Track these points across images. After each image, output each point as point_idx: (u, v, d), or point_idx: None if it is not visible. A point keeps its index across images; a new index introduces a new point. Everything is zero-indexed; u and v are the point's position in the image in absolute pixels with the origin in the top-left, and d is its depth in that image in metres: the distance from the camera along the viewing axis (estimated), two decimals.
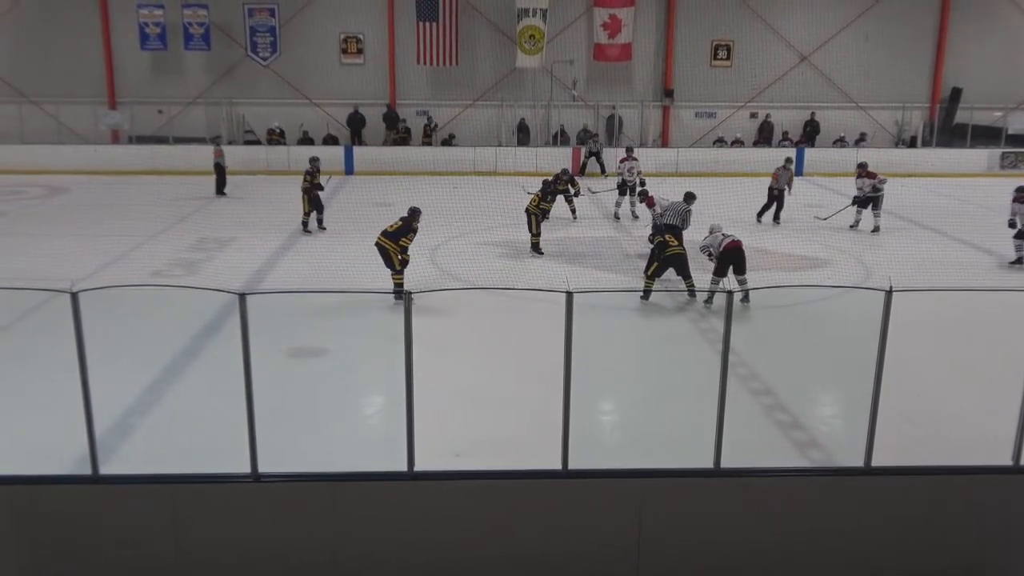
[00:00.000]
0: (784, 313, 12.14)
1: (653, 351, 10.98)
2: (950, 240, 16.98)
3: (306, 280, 13.08)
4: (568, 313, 6.09)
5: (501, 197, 18.48)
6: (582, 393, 6.41)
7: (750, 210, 18.29)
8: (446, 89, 27.55)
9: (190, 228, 17.78)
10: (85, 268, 14.03)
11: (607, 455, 7.62)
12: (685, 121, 28.45)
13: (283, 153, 25.48)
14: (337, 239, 16.62)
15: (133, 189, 22.67)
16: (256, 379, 6.14)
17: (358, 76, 27.41)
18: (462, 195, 18.12)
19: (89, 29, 26.80)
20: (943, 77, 28.50)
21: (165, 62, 27.07)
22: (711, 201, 16.05)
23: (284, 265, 14.77)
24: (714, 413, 6.37)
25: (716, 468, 6.47)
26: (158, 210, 19.53)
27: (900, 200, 19.73)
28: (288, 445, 7.31)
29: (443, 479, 6.50)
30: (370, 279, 12.64)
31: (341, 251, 15.11)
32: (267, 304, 6.70)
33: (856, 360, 6.88)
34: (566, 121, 27.64)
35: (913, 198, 20.55)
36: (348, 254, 14.49)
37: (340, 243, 16.23)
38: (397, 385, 6.17)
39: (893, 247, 15.84)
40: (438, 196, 18.78)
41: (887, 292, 6.21)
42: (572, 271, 14.23)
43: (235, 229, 17.40)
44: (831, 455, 7.96)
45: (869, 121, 28.32)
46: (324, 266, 13.86)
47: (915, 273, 13.50)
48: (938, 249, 15.93)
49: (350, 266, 13.64)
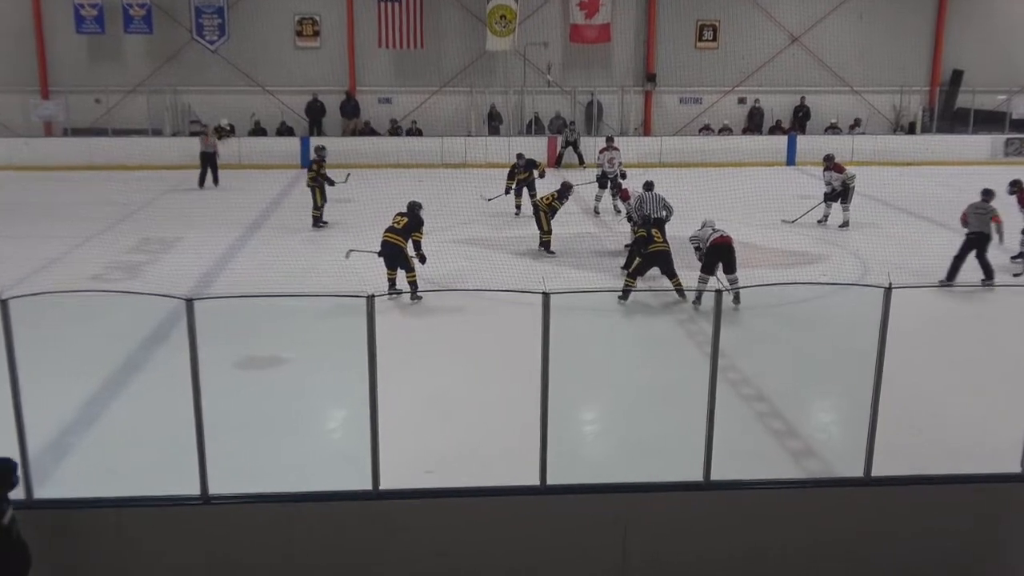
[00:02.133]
0: (777, 313, 12.22)
1: (637, 355, 11.01)
2: (952, 233, 17.16)
3: (261, 283, 12.99)
4: (545, 315, 6.08)
5: (471, 191, 18.47)
6: (561, 402, 6.40)
7: (739, 203, 18.35)
8: (410, 74, 27.50)
9: (132, 228, 17.62)
10: (16, 273, 13.86)
11: (589, 469, 7.62)
12: (669, 107, 28.57)
13: (234, 145, 25.29)
14: (295, 238, 16.52)
15: (69, 186, 22.43)
16: (206, 392, 6.08)
17: (314, 61, 27.29)
18: (429, 189, 18.08)
19: (18, 10, 26.47)
20: (943, 59, 28.84)
21: (103, 47, 26.79)
22: (698, 195, 16.11)
23: (236, 267, 14.67)
24: (703, 422, 6.39)
25: (706, 481, 6.49)
26: (96, 209, 19.33)
27: (898, 190, 19.93)
28: (241, 463, 7.26)
29: (411, 498, 6.46)
30: (331, 280, 12.58)
31: (300, 251, 15.04)
32: (218, 310, 6.64)
33: (854, 362, 6.93)
34: (541, 108, 27.67)
35: (912, 188, 20.75)
36: (307, 254, 14.43)
37: (298, 242, 16.15)
38: (361, 396, 6.14)
39: (892, 241, 15.97)
40: (403, 190, 18.69)
41: (886, 289, 6.25)
42: (548, 270, 14.24)
43: (181, 228, 17.26)
44: (829, 465, 8.01)
45: (865, 106, 28.58)
46: (281, 267, 13.78)
47: (915, 268, 13.63)
48: (939, 243, 16.08)
49: (310, 267, 13.57)
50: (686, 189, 16.38)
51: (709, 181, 18.98)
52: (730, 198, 17.42)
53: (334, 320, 11.31)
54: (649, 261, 12.67)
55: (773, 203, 18.89)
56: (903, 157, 25.41)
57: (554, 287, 6.18)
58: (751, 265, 13.57)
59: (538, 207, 15.56)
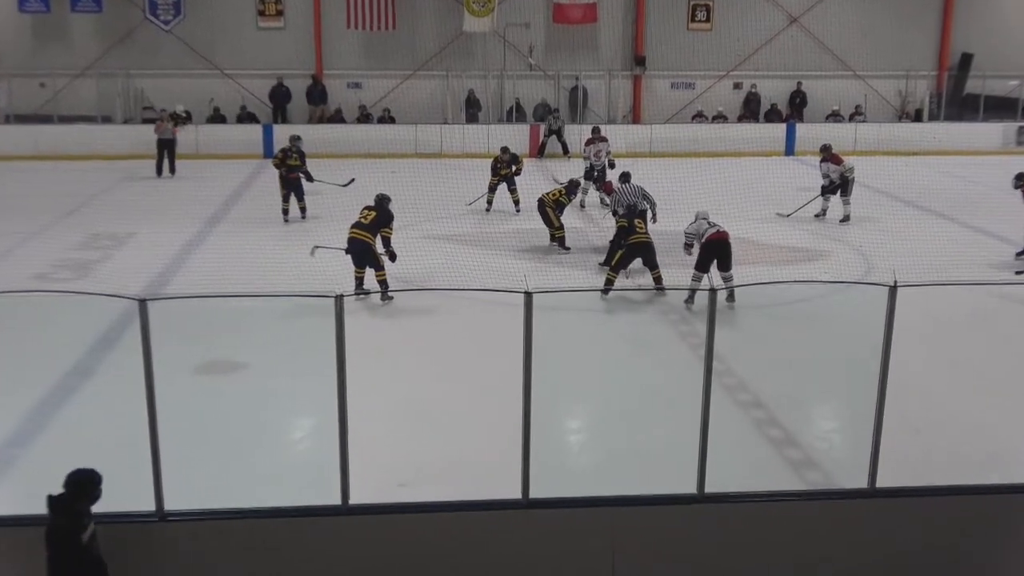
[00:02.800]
0: (775, 313, 12.27)
1: (626, 359, 11.03)
2: (960, 227, 17.30)
3: (221, 282, 12.91)
4: (527, 316, 6.08)
5: (448, 183, 18.45)
6: (544, 410, 6.40)
7: (735, 196, 18.40)
8: (382, 58, 27.41)
9: (81, 222, 17.51)
10: None
11: (574, 481, 7.63)
12: (659, 93, 28.62)
13: (191, 133, 25.17)
14: (257, 233, 16.46)
15: (11, 177, 22.23)
16: (161, 400, 6.05)
17: (278, 43, 27.16)
18: (402, 181, 18.03)
19: None
20: (951, 41, 29.01)
21: (48, 27, 26.58)
22: (690, 187, 16.16)
23: (194, 264, 14.61)
24: (696, 430, 6.41)
25: (700, 493, 6.50)
26: (42, 201, 19.18)
27: (904, 181, 20.04)
28: (200, 477, 7.22)
29: (384, 513, 6.45)
30: (296, 279, 12.54)
31: (262, 247, 14.98)
32: (174, 311, 6.62)
33: (857, 366, 6.97)
34: (522, 94, 27.67)
35: (919, 179, 20.86)
36: (270, 251, 14.37)
37: (261, 238, 16.09)
38: (329, 404, 6.12)
39: (897, 236, 16.06)
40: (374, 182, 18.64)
41: (891, 287, 6.28)
42: (531, 268, 14.24)
43: (134, 223, 17.16)
44: (831, 476, 8.05)
45: (868, 91, 28.72)
46: (242, 265, 13.71)
47: (922, 265, 13.72)
48: (947, 237, 16.20)
49: (273, 265, 13.51)
50: (678, 180, 16.41)
51: (702, 172, 18.99)
52: (725, 190, 17.49)
53: (300, 322, 11.27)
54: (631, 253, 12.82)
55: (771, 196, 18.98)
56: (909, 146, 25.54)
57: (537, 286, 6.18)
58: (747, 262, 13.62)
59: (544, 203, 15.58)
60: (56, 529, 5.57)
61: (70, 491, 5.66)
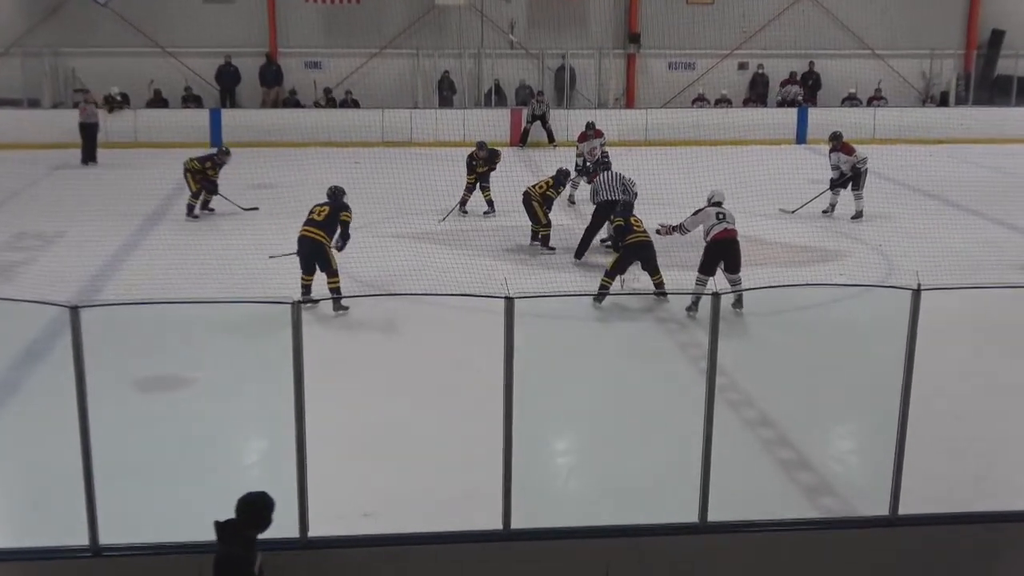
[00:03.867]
0: (786, 320, 12.30)
1: (620, 373, 11.02)
2: (991, 223, 17.39)
3: (162, 286, 12.88)
4: (508, 325, 6.07)
5: (419, 174, 18.41)
6: (528, 429, 6.40)
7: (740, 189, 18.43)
8: (344, 34, 27.40)
9: (3, 220, 17.41)
10: None
11: (562, 510, 7.63)
12: (656, 74, 28.71)
13: (128, 119, 25.06)
14: (203, 232, 16.40)
15: None
16: (95, 420, 6.01)
17: (227, 18, 27.09)
18: (367, 173, 18.00)
19: None
20: (980, 17, 29.21)
21: None
22: (690, 178, 16.19)
23: (132, 267, 14.55)
24: (698, 451, 6.41)
25: (702, 522, 6.51)
26: None
27: (929, 173, 20.15)
28: (139, 507, 7.18)
29: (346, 547, 6.43)
30: (247, 283, 12.50)
31: (209, 248, 14.93)
32: (110, 320, 6.58)
33: (877, 379, 7.00)
34: (502, 75, 27.69)
35: (944, 170, 21.00)
36: (219, 252, 14.32)
37: (207, 237, 16.03)
38: (286, 424, 6.10)
39: (920, 233, 16.14)
40: (335, 174, 18.65)
41: (914, 291, 6.31)
42: (512, 270, 14.23)
43: (65, 220, 17.06)
44: (848, 502, 8.07)
45: (888, 72, 28.88)
46: (187, 268, 13.67)
47: (949, 266, 13.79)
48: (976, 235, 16.29)
49: (222, 267, 13.47)
50: (676, 172, 16.44)
51: (703, 162, 19.06)
52: (729, 182, 17.50)
53: (252, 332, 11.26)
54: (629, 254, 12.73)
55: (779, 189, 19.00)
56: (934, 133, 25.68)
57: (519, 290, 6.18)
58: (755, 263, 13.66)
59: (530, 196, 15.51)
60: (228, 559, 5.51)
61: (242, 517, 5.60)
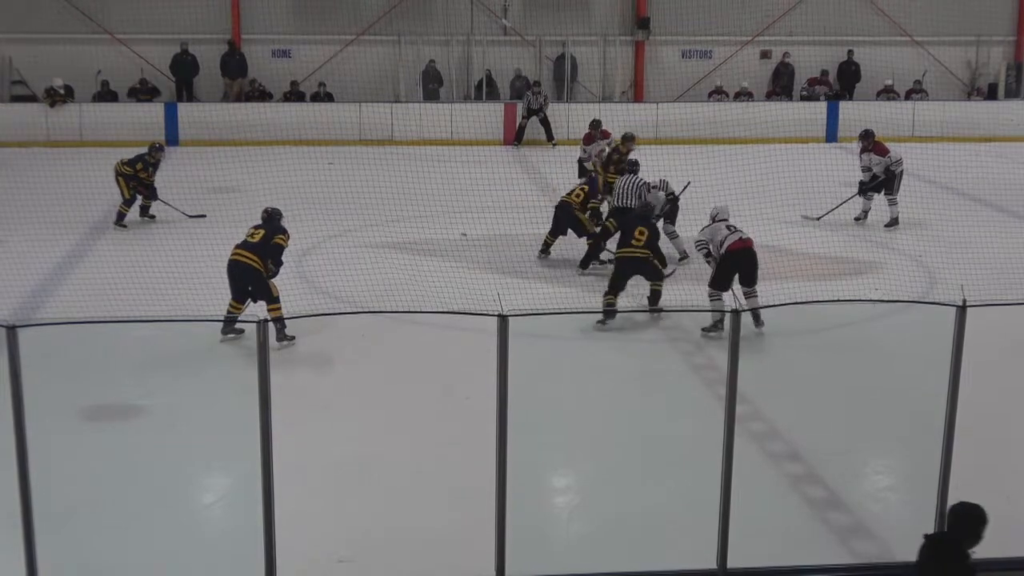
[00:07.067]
0: (814, 340, 12.30)
1: (627, 399, 11.02)
2: None
3: (111, 304, 12.88)
4: (502, 346, 6.08)
5: (401, 176, 18.44)
6: (524, 464, 6.40)
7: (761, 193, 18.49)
8: (316, 19, 27.45)
9: None
10: None
11: (563, 554, 7.62)
12: (667, 64, 28.78)
13: (72, 114, 25.08)
14: (157, 243, 16.40)
15: None
16: (36, 452, 6.01)
17: (184, 0, 27.14)
18: (341, 174, 18.02)
19: None
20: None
21: None
22: (706, 182, 16.21)
23: (77, 282, 14.53)
24: (716, 489, 6.42)
25: (721, 569, 6.52)
26: None
27: (975, 174, 20.18)
28: (83, 552, 7.17)
29: None
30: (206, 300, 12.49)
31: (163, 260, 14.91)
32: (52, 341, 6.58)
33: (919, 407, 7.01)
34: (495, 65, 27.75)
35: (992, 171, 21.04)
36: (174, 264, 14.30)
37: (161, 249, 16.02)
38: (250, 459, 6.10)
39: (965, 242, 16.18)
40: (305, 177, 18.67)
41: (959, 308, 6.33)
42: (506, 284, 14.22)
43: (1, 230, 17.05)
44: (886, 545, 8.08)
45: (930, 62, 28.95)
46: (138, 283, 13.66)
47: (998, 280, 13.81)
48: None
49: (177, 282, 13.47)
50: (690, 174, 16.46)
51: (721, 162, 19.08)
52: (749, 186, 17.56)
53: (213, 354, 11.25)
54: (625, 268, 12.78)
55: (806, 193, 19.01)
56: (981, 130, 25.77)
57: (514, 307, 6.19)
58: (779, 276, 13.68)
59: (571, 205, 15.46)
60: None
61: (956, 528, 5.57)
